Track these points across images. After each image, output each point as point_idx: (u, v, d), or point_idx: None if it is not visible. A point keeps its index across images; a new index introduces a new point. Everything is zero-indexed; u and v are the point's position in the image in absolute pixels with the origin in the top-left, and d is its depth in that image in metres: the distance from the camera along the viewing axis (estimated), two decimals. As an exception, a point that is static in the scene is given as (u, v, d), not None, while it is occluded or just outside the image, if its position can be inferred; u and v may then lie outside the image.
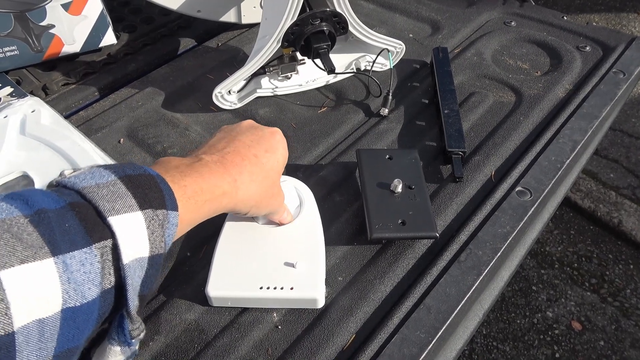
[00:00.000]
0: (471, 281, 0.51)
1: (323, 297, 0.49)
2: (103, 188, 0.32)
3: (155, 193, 0.34)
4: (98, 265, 0.30)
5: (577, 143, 0.64)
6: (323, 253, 0.51)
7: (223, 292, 0.48)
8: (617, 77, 0.74)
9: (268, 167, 0.46)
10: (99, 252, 0.30)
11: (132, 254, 0.32)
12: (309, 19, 0.65)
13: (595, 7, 2.66)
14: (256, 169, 0.44)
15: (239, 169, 0.43)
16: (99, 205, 0.31)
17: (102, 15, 0.78)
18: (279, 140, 0.49)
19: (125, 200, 0.32)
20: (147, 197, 0.33)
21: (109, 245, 0.31)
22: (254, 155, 0.45)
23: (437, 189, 0.61)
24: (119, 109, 0.73)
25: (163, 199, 0.35)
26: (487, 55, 0.81)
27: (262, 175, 0.45)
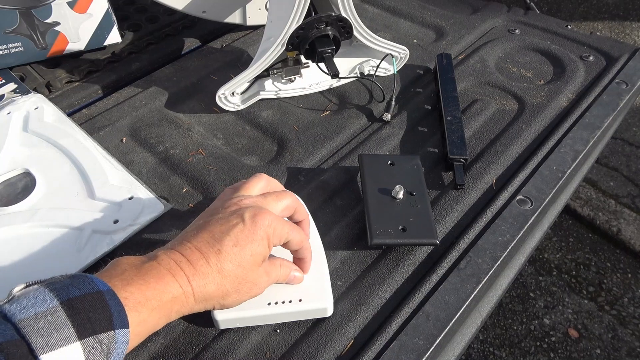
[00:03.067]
0: (470, 289, 0.51)
1: (332, 306, 0.49)
2: (40, 319, 0.32)
3: (101, 314, 0.34)
4: None
5: (578, 153, 0.64)
6: (325, 260, 0.51)
7: (231, 313, 0.46)
8: (619, 87, 0.74)
9: (233, 263, 0.42)
10: None
11: None
12: (314, 23, 0.65)
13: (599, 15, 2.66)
14: (214, 268, 0.41)
15: (193, 269, 0.40)
16: (32, 342, 0.31)
17: (108, 13, 0.78)
18: (260, 226, 0.43)
19: (62, 331, 0.32)
20: (89, 322, 0.33)
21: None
22: (216, 253, 0.41)
23: (438, 196, 0.61)
24: (122, 107, 0.73)
25: (110, 318, 0.34)
26: (490, 62, 0.81)
27: (221, 275, 0.41)
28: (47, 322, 0.32)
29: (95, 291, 0.35)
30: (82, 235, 0.55)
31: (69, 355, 0.32)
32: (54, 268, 0.52)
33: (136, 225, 0.57)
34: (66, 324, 0.32)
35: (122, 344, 0.35)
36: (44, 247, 0.54)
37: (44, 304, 0.32)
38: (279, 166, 0.65)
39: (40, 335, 0.31)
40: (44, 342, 0.31)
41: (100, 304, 0.34)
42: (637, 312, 1.47)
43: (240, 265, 0.42)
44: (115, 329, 0.34)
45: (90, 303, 0.34)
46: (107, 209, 0.58)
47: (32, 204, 0.59)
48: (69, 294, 0.34)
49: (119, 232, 0.56)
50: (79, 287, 0.34)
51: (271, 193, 0.49)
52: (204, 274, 0.41)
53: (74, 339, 0.32)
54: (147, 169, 0.65)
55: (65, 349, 0.32)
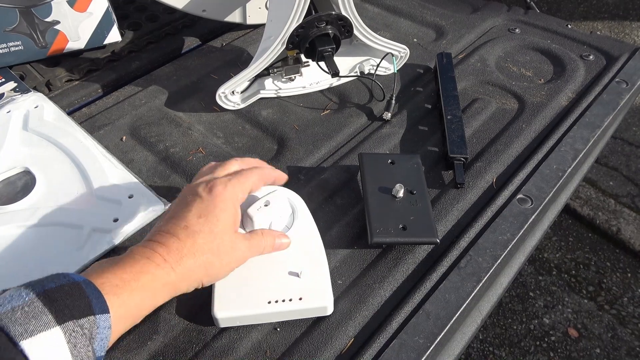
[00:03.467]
0: (471, 288, 0.51)
1: (332, 304, 0.49)
2: (17, 311, 0.32)
3: (79, 301, 0.34)
4: None
5: (578, 152, 0.64)
6: (325, 258, 0.51)
7: (231, 312, 0.47)
8: (619, 86, 0.74)
9: (204, 232, 0.43)
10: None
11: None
12: (314, 22, 0.65)
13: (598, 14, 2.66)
14: (187, 241, 0.42)
15: (166, 248, 0.41)
16: (10, 331, 0.31)
17: (108, 12, 0.78)
18: (218, 193, 0.45)
19: (40, 318, 0.32)
20: (67, 309, 0.33)
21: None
22: (183, 228, 0.43)
23: (438, 195, 0.61)
24: (122, 106, 0.73)
25: (89, 304, 0.35)
26: (490, 61, 0.81)
27: (195, 245, 0.43)
28: (24, 312, 0.32)
29: (71, 282, 0.35)
30: (81, 233, 0.55)
31: (50, 339, 0.32)
32: (53, 266, 0.52)
33: (136, 224, 0.57)
34: (44, 311, 0.33)
35: (105, 329, 0.35)
36: (44, 245, 0.54)
37: (19, 298, 0.33)
38: (279, 165, 0.65)
39: (18, 324, 0.31)
40: (22, 330, 0.31)
41: (77, 292, 0.35)
42: (637, 312, 1.47)
43: (211, 232, 0.44)
44: (95, 314, 0.35)
45: (67, 292, 0.34)
46: (107, 207, 0.58)
47: (32, 203, 0.59)
48: (45, 287, 0.34)
49: (118, 230, 0.56)
50: (55, 280, 0.35)
51: (216, 166, 0.51)
52: (178, 250, 0.42)
53: (53, 324, 0.32)
54: (147, 168, 0.65)
55: (45, 334, 0.32)
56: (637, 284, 1.55)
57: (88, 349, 0.34)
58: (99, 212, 0.57)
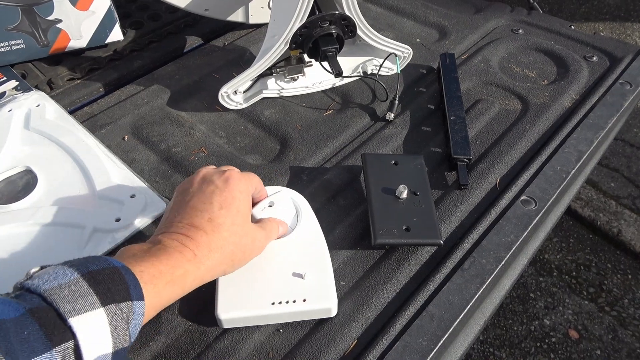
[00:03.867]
0: (474, 289, 0.50)
1: (336, 306, 0.48)
2: (65, 288, 0.33)
3: (119, 285, 0.35)
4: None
5: (582, 153, 0.64)
6: (329, 260, 0.51)
7: (235, 313, 0.47)
8: (623, 88, 0.74)
9: (227, 224, 0.44)
10: (60, 355, 0.31)
11: (94, 353, 0.33)
12: (318, 22, 0.64)
13: (600, 16, 2.66)
14: (213, 235, 0.43)
15: (195, 242, 0.42)
16: (60, 307, 0.32)
17: (110, 11, 0.78)
18: (235, 185, 0.47)
19: (87, 298, 0.33)
20: (110, 292, 0.34)
21: (70, 347, 0.32)
22: (208, 220, 0.44)
23: (441, 196, 0.60)
24: (123, 105, 0.73)
25: (127, 290, 0.36)
26: (494, 62, 0.81)
27: (221, 238, 0.44)
28: (72, 291, 0.33)
29: (112, 266, 0.36)
30: (83, 233, 0.55)
31: (95, 319, 0.33)
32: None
33: (138, 223, 0.56)
34: (89, 292, 0.34)
35: (139, 315, 0.36)
36: (45, 245, 0.54)
37: (65, 277, 0.34)
38: (281, 165, 0.64)
39: (67, 301, 0.32)
40: (71, 307, 0.32)
41: (117, 277, 0.36)
42: (638, 314, 1.47)
43: (234, 224, 0.45)
44: (132, 300, 0.36)
45: (109, 276, 0.35)
46: (109, 207, 0.58)
47: (33, 202, 0.58)
48: (88, 268, 0.35)
49: (120, 230, 0.56)
50: (96, 263, 0.36)
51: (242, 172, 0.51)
52: (206, 244, 0.43)
53: (98, 305, 0.33)
54: (149, 167, 0.65)
55: (91, 314, 0.33)
56: (637, 286, 1.55)
57: (125, 332, 0.35)
58: (100, 211, 0.57)
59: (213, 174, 0.48)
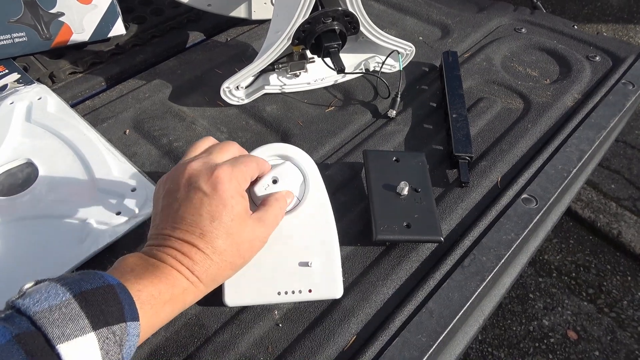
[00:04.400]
0: (474, 287, 0.50)
1: (342, 290, 0.49)
2: (55, 311, 0.32)
3: (113, 306, 0.34)
4: None
5: (584, 153, 0.64)
6: (337, 248, 0.50)
7: (241, 301, 0.47)
8: (626, 88, 0.74)
9: (222, 237, 0.42)
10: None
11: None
12: (321, 18, 0.64)
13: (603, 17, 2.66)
14: (209, 251, 0.41)
15: (192, 260, 0.41)
16: (48, 333, 0.31)
17: (112, 5, 0.78)
18: (224, 191, 0.43)
19: (77, 322, 0.32)
20: (102, 314, 0.33)
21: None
22: (200, 236, 0.41)
23: (442, 193, 0.60)
24: (125, 100, 0.73)
25: (122, 311, 0.35)
26: (496, 61, 0.81)
27: (216, 254, 0.42)
28: (62, 314, 0.32)
29: (106, 284, 0.35)
30: (84, 226, 0.55)
31: (85, 345, 0.32)
32: (55, 259, 0.52)
33: (139, 217, 0.56)
34: (80, 315, 0.33)
35: (134, 337, 0.36)
36: (46, 237, 0.54)
37: (57, 297, 0.33)
38: (282, 161, 0.64)
39: (56, 326, 0.32)
40: (60, 333, 0.31)
41: (111, 296, 0.35)
42: (637, 315, 1.47)
43: (229, 234, 0.42)
44: (127, 320, 0.35)
45: (102, 296, 0.34)
46: (110, 200, 0.58)
47: (34, 195, 0.58)
48: (81, 288, 0.34)
49: (121, 224, 0.55)
50: (90, 281, 0.35)
51: (213, 147, 0.48)
52: (202, 261, 0.41)
53: (89, 329, 0.33)
54: (151, 162, 0.65)
55: (80, 339, 0.32)
56: (637, 288, 1.55)
57: (118, 356, 0.34)
58: (101, 205, 0.57)
59: (199, 175, 0.43)
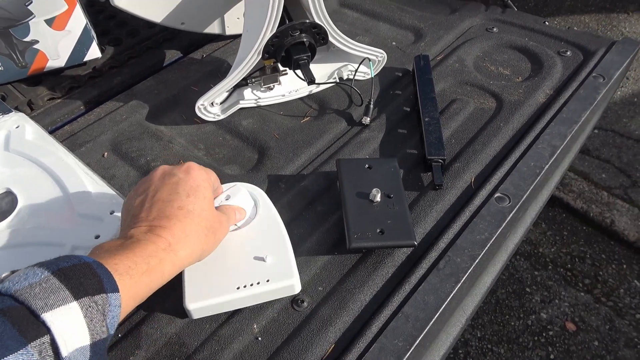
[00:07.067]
0: (449, 288, 0.51)
1: (299, 282, 0.50)
2: (36, 287, 0.33)
3: (91, 279, 0.35)
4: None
5: (556, 148, 0.65)
6: (288, 241, 0.53)
7: (202, 302, 0.48)
8: (596, 81, 0.75)
9: (197, 210, 0.46)
10: (37, 350, 0.31)
11: (71, 346, 0.33)
12: (289, 31, 0.65)
13: (585, 8, 2.67)
14: (186, 221, 0.45)
15: (170, 231, 0.43)
16: (32, 305, 0.32)
17: (86, 29, 0.79)
18: (197, 174, 0.49)
19: (59, 293, 0.33)
20: (82, 286, 0.35)
21: (46, 342, 0.32)
22: (178, 209, 0.45)
23: (417, 197, 0.61)
24: (103, 122, 0.74)
25: (101, 283, 0.36)
26: (469, 62, 0.81)
27: (194, 223, 0.45)
28: (42, 289, 0.33)
29: (83, 262, 0.37)
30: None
31: (69, 312, 0.33)
32: (35, 286, 0.52)
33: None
34: (60, 287, 0.34)
35: (115, 307, 0.37)
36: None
37: (35, 276, 0.34)
38: (259, 174, 0.65)
39: (39, 298, 0.33)
40: (43, 304, 0.32)
41: (89, 271, 0.36)
42: (634, 303, 1.48)
43: (202, 209, 0.47)
44: (107, 292, 0.36)
45: (80, 271, 0.36)
46: (88, 224, 0.58)
47: (13, 223, 0.59)
48: (58, 266, 0.35)
49: (100, 247, 0.56)
50: (66, 260, 0.36)
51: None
52: (181, 230, 0.44)
53: (71, 299, 0.34)
54: (129, 183, 0.65)
55: (64, 307, 0.33)
56: (632, 275, 1.55)
57: (102, 324, 0.35)
58: (80, 229, 0.58)
59: (172, 168, 0.50)
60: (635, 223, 1.66)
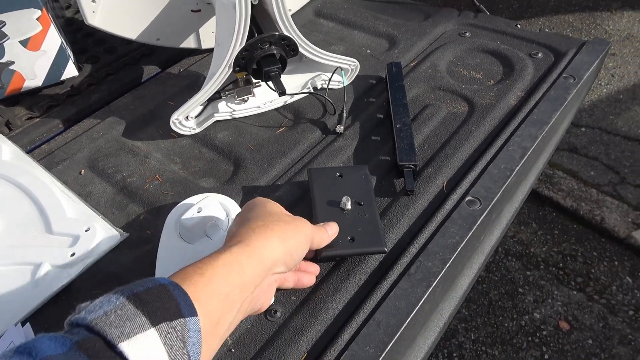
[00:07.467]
0: (421, 293, 0.51)
1: None
2: (111, 314, 0.32)
3: (168, 303, 0.34)
4: None
5: (527, 150, 0.65)
6: None
7: None
8: (567, 82, 0.75)
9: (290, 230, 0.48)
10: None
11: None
12: (258, 44, 0.66)
13: (569, 7, 2.70)
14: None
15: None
16: (107, 334, 0.31)
17: (62, 49, 0.80)
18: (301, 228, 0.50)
19: (135, 320, 0.32)
20: (159, 311, 0.33)
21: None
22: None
23: (390, 203, 0.62)
24: (80, 140, 0.74)
25: (178, 307, 0.34)
26: (442, 67, 0.82)
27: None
28: (118, 316, 0.32)
29: (158, 285, 0.35)
30: (38, 270, 0.56)
31: (147, 341, 0.32)
32: (9, 306, 0.53)
33: (92, 256, 0.57)
34: (137, 314, 0.32)
35: (195, 332, 0.35)
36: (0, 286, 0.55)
37: (110, 303, 0.33)
38: (234, 186, 0.66)
39: (114, 327, 0.31)
40: (119, 332, 0.31)
41: (165, 294, 0.34)
42: (626, 299, 1.48)
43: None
44: (185, 317, 0.34)
45: (156, 295, 0.34)
46: (64, 242, 0.59)
47: (-12, 244, 0.59)
48: (133, 291, 0.34)
49: (75, 264, 0.57)
50: (142, 284, 0.35)
51: None
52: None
53: (148, 326, 0.32)
54: (105, 200, 0.66)
55: (141, 336, 0.32)
56: (624, 272, 1.56)
57: (183, 351, 0.33)
58: (55, 247, 0.58)
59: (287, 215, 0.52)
60: (625, 219, 1.67)
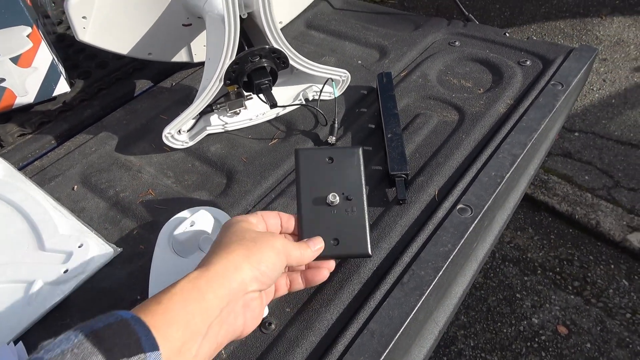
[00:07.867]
0: (414, 302, 0.51)
1: None
2: (67, 354, 0.32)
3: (128, 339, 0.34)
4: None
5: (516, 157, 0.66)
6: None
7: None
8: (555, 88, 0.76)
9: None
10: None
11: None
12: (248, 57, 0.67)
13: (560, 14, 2.73)
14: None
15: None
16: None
17: (53, 65, 0.80)
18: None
19: (91, 359, 0.32)
20: (117, 347, 0.33)
21: None
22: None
23: (382, 213, 0.62)
24: (72, 156, 0.74)
25: (138, 342, 0.34)
26: (432, 76, 0.83)
27: None
28: (74, 355, 0.31)
29: (119, 320, 0.35)
30: (31, 288, 0.55)
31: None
32: (1, 324, 0.52)
33: (86, 272, 0.57)
34: (93, 352, 0.32)
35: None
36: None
37: (68, 341, 0.32)
38: (227, 199, 0.66)
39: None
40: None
41: (125, 330, 0.34)
42: (623, 302, 1.48)
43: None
44: (145, 351, 0.34)
45: (115, 331, 0.34)
46: (57, 259, 0.59)
47: (-19, 262, 0.59)
48: (92, 327, 0.34)
49: (68, 281, 0.56)
50: (102, 320, 0.35)
51: None
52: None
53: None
54: (99, 215, 0.66)
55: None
56: (620, 275, 1.56)
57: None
58: (48, 264, 0.58)
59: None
60: (620, 223, 1.67)
